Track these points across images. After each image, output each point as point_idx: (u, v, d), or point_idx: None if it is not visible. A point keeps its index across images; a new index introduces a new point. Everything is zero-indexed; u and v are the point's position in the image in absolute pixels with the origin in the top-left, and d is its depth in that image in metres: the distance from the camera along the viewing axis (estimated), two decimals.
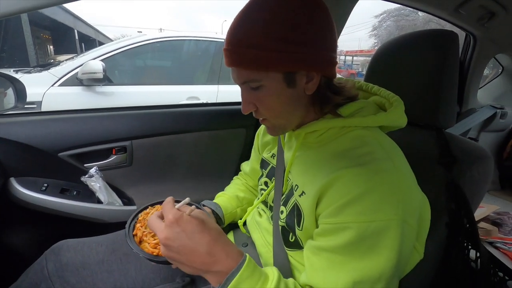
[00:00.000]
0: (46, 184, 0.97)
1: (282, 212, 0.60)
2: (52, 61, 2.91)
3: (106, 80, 2.14)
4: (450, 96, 0.67)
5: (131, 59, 2.50)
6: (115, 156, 1.08)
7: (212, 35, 2.65)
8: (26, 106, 1.86)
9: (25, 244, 0.98)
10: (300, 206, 0.54)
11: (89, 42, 13.88)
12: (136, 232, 0.59)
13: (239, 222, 0.77)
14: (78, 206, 0.97)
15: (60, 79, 2.05)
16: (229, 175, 1.02)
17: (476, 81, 1.38)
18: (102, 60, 2.15)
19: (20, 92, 0.92)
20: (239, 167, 0.96)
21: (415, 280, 0.58)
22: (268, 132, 0.60)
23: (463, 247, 0.62)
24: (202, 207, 0.73)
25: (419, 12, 16.25)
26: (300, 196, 0.54)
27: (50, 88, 2.00)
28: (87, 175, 1.01)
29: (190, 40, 2.61)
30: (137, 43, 2.31)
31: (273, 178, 0.68)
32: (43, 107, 1.93)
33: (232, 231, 0.82)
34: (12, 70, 2.36)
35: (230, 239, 0.76)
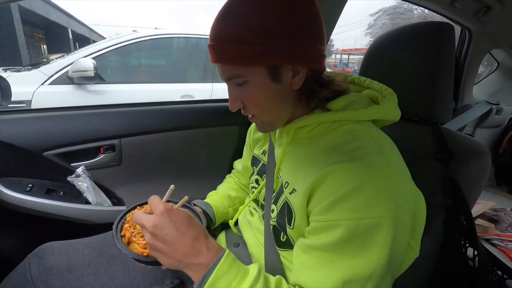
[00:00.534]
0: (31, 185, 0.95)
1: (273, 210, 0.59)
2: (45, 60, 2.86)
3: (98, 78, 2.11)
4: (446, 89, 0.65)
5: (124, 57, 2.48)
6: (103, 155, 1.06)
7: (206, 32, 2.63)
8: (16, 105, 1.83)
9: (8, 247, 0.96)
10: (290, 204, 0.53)
11: (83, 41, 13.77)
12: (124, 233, 0.58)
13: (230, 222, 0.76)
14: (65, 207, 0.95)
15: (50, 77, 2.02)
16: (222, 174, 1.00)
17: (472, 76, 1.37)
18: (94, 58, 2.12)
19: (4, 90, 0.89)
20: (232, 165, 0.94)
21: (411, 279, 0.57)
22: (258, 129, 0.59)
23: (460, 245, 0.61)
24: (193, 207, 0.71)
25: (414, 11, 16.41)
26: (290, 193, 0.53)
27: (40, 86, 1.97)
28: (74, 175, 0.99)
29: (183, 37, 2.59)
30: (129, 41, 2.29)
31: (264, 175, 0.67)
32: (33, 106, 1.90)
33: (224, 231, 0.80)
34: (1, 69, 2.32)
35: (222, 239, 0.76)
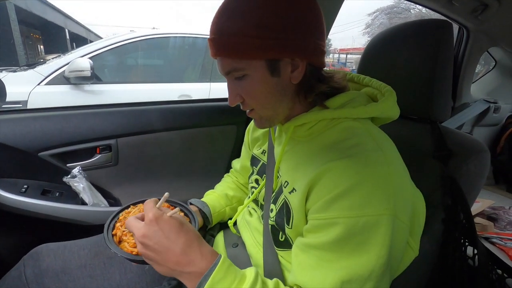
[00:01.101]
0: (26, 186, 0.94)
1: (272, 210, 0.58)
2: (42, 60, 2.84)
3: (94, 78, 2.10)
4: (444, 87, 0.65)
5: (121, 57, 2.46)
6: (99, 155, 1.05)
7: (203, 32, 2.61)
8: (11, 105, 1.82)
9: (3, 249, 0.94)
10: (289, 203, 0.52)
11: (80, 41, 13.70)
12: (115, 232, 0.58)
13: (229, 222, 0.75)
14: (60, 208, 0.93)
15: (46, 77, 2.00)
16: (219, 174, 0.99)
17: (470, 75, 1.37)
18: (90, 58, 2.11)
19: None
20: (230, 165, 0.94)
21: (411, 278, 0.56)
22: (256, 125, 0.58)
23: (460, 243, 0.61)
24: (189, 206, 0.70)
25: (411, 10, 16.45)
26: (290, 193, 0.52)
27: (36, 87, 1.95)
28: (70, 176, 0.98)
29: (180, 37, 2.57)
30: (126, 41, 2.27)
31: (264, 175, 0.66)
32: (29, 106, 1.88)
33: (222, 231, 0.80)
34: None
35: (220, 239, 0.75)
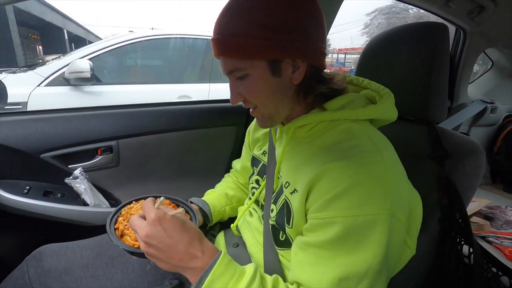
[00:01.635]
0: (28, 187, 0.94)
1: (273, 210, 0.59)
2: (40, 61, 2.83)
3: (94, 79, 2.10)
4: (440, 89, 0.66)
5: (120, 58, 2.46)
6: (100, 156, 1.06)
7: (203, 33, 2.62)
8: (11, 107, 1.82)
9: (5, 250, 0.95)
10: (290, 203, 0.53)
11: (79, 42, 13.67)
12: (118, 226, 0.59)
13: (232, 226, 0.76)
14: (62, 209, 0.94)
15: (46, 78, 2.00)
16: (219, 174, 1.00)
17: (467, 76, 1.39)
18: (90, 59, 2.11)
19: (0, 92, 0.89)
20: (229, 166, 0.94)
21: (408, 277, 0.58)
22: (258, 124, 0.59)
23: (456, 242, 0.62)
24: (189, 204, 0.71)
25: (410, 10, 16.46)
26: (291, 193, 0.53)
27: (36, 88, 1.95)
28: (71, 177, 0.98)
29: (179, 38, 2.58)
30: (125, 42, 2.27)
31: (264, 176, 0.67)
32: (29, 107, 1.88)
33: (222, 231, 0.80)
34: None
35: (220, 239, 0.76)
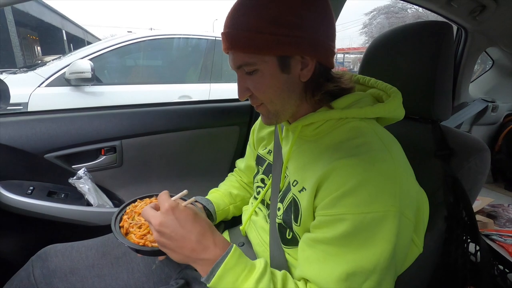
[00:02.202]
0: (32, 187, 0.94)
1: (279, 209, 0.59)
2: (40, 62, 2.83)
3: (95, 79, 2.09)
4: (445, 87, 0.66)
5: (121, 58, 2.46)
6: (104, 156, 1.06)
7: (203, 33, 2.62)
8: (12, 107, 1.81)
9: (10, 250, 0.95)
10: (298, 201, 0.53)
11: (77, 42, 13.64)
12: (122, 224, 0.59)
13: (241, 228, 0.76)
14: (66, 209, 0.94)
15: (47, 79, 1.99)
16: (223, 174, 1.00)
17: (468, 74, 1.39)
18: (90, 59, 2.10)
19: (2, 92, 0.89)
20: (233, 166, 0.94)
21: (415, 274, 0.58)
22: (263, 121, 0.59)
23: (462, 240, 0.62)
24: (194, 203, 0.72)
25: (408, 10, 16.49)
26: (300, 192, 0.53)
27: (36, 88, 1.95)
28: (75, 177, 0.98)
29: (180, 38, 2.58)
30: (126, 42, 2.27)
31: (270, 174, 0.67)
32: (30, 108, 1.88)
33: (227, 230, 0.80)
34: None
35: (226, 238, 0.76)
